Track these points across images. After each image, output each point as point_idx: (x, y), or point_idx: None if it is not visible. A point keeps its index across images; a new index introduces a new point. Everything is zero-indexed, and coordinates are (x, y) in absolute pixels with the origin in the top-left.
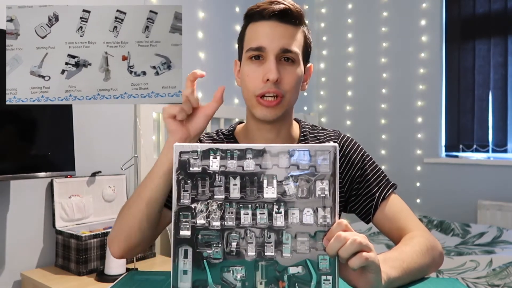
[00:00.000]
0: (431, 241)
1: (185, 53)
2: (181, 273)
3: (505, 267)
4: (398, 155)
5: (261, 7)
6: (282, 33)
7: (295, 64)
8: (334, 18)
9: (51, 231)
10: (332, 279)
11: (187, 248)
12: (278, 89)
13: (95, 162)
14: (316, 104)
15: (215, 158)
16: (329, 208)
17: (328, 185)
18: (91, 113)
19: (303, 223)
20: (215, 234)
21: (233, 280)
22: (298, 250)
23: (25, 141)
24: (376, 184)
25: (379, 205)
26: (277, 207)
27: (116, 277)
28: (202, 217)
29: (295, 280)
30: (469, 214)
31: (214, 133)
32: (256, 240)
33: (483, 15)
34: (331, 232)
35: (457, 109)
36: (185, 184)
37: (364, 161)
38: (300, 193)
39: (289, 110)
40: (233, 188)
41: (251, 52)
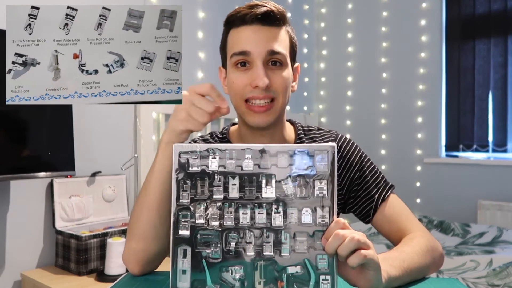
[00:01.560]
0: (432, 242)
1: (185, 53)
2: (180, 273)
3: (505, 267)
4: (398, 155)
5: (241, 12)
6: (266, 36)
7: (283, 67)
8: (334, 18)
9: (51, 231)
10: (330, 279)
11: (186, 248)
12: (269, 93)
13: (95, 162)
14: (316, 104)
15: (214, 158)
16: (327, 207)
17: (326, 185)
18: (91, 113)
19: (301, 222)
20: (214, 233)
21: (232, 280)
22: (296, 249)
23: (25, 141)
24: (375, 186)
25: (379, 207)
26: (275, 207)
27: (116, 277)
28: (201, 217)
29: (293, 280)
30: (469, 214)
31: (208, 135)
32: (255, 240)
33: (483, 15)
34: (329, 230)
35: (457, 109)
36: (185, 184)
37: (363, 163)
38: (299, 193)
39: (281, 114)
40: (232, 188)
41: (236, 57)
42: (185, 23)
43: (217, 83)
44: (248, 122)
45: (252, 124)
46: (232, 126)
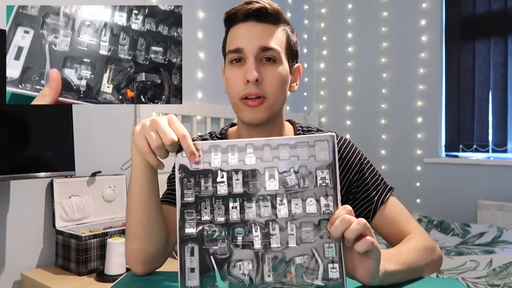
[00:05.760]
0: (430, 242)
1: (185, 53)
2: (188, 271)
3: (505, 267)
4: (398, 155)
5: (236, 9)
6: (259, 32)
7: (277, 63)
8: (334, 18)
9: (51, 231)
10: (338, 266)
11: (193, 246)
12: (260, 90)
13: (95, 162)
14: (316, 104)
15: (216, 154)
16: (331, 196)
17: (328, 174)
18: (91, 113)
19: (306, 213)
20: (220, 229)
21: (241, 275)
22: (303, 239)
23: (25, 141)
24: (375, 188)
25: (378, 209)
26: (280, 199)
27: (116, 277)
28: (207, 213)
29: (302, 270)
30: (469, 214)
31: (208, 135)
32: (261, 233)
33: (483, 15)
34: (335, 215)
35: (457, 109)
36: (188, 182)
37: (362, 165)
38: (302, 184)
39: (278, 112)
40: (236, 183)
41: (230, 55)
42: (185, 23)
43: (217, 83)
44: (242, 118)
45: (246, 120)
46: (231, 127)
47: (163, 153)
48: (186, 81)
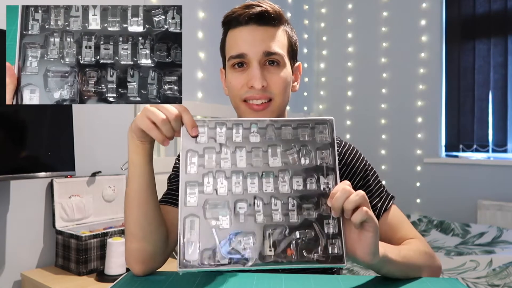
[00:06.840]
0: (430, 250)
1: (185, 53)
2: (188, 245)
3: (505, 267)
4: (398, 155)
5: (236, 12)
6: (262, 36)
7: (281, 67)
8: (334, 18)
9: (51, 231)
10: (339, 242)
11: (194, 219)
12: (266, 93)
13: (95, 162)
14: (316, 104)
15: (222, 131)
16: (331, 175)
17: (328, 154)
18: (91, 114)
19: (307, 189)
20: (223, 203)
21: (241, 250)
22: (304, 215)
23: (25, 141)
24: (378, 195)
25: (381, 216)
26: (282, 176)
27: (116, 277)
28: (209, 186)
29: (302, 246)
30: (469, 214)
31: None
32: (263, 208)
33: (483, 15)
34: (335, 189)
35: (457, 109)
36: (192, 156)
37: (367, 171)
38: (303, 162)
39: (281, 113)
40: (240, 159)
41: (232, 60)
42: (185, 23)
43: (217, 83)
44: None
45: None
46: None
47: (169, 127)
48: (186, 81)
